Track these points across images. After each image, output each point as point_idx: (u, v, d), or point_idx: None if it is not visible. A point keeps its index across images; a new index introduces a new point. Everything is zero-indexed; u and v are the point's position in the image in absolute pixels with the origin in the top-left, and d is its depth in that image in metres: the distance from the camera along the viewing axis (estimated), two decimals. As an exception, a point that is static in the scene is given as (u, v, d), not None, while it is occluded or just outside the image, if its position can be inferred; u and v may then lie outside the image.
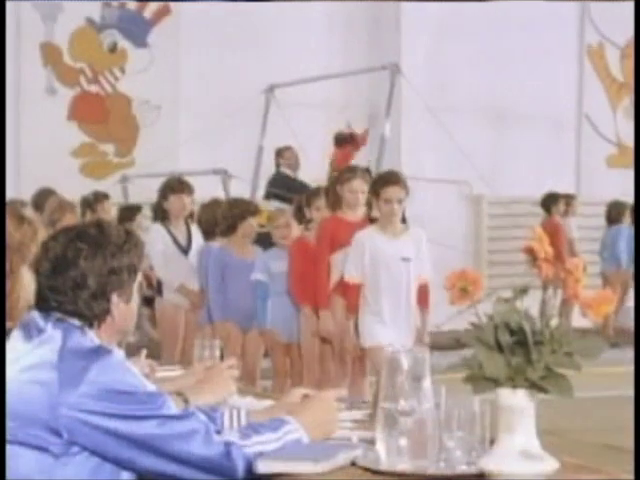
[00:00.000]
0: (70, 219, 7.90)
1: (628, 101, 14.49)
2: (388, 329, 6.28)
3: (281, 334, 7.10)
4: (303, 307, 6.93)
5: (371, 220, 6.54)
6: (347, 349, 6.80)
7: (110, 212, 10.30)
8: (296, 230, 7.20)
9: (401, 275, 6.34)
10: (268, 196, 10.75)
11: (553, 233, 10.90)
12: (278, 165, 11.09)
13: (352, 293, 6.52)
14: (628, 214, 12.78)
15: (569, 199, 12.60)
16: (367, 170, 7.15)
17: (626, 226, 12.79)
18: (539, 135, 13.43)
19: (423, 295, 6.49)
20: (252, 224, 7.30)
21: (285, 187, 10.27)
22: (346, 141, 11.47)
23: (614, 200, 12.90)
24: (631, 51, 14.34)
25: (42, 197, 10.17)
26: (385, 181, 6.43)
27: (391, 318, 6.32)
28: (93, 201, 10.27)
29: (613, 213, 12.83)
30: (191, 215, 7.84)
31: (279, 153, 11.16)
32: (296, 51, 12.46)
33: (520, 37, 13.14)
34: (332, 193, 6.91)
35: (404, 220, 6.69)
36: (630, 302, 12.36)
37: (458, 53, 13.00)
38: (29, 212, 8.85)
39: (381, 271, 6.35)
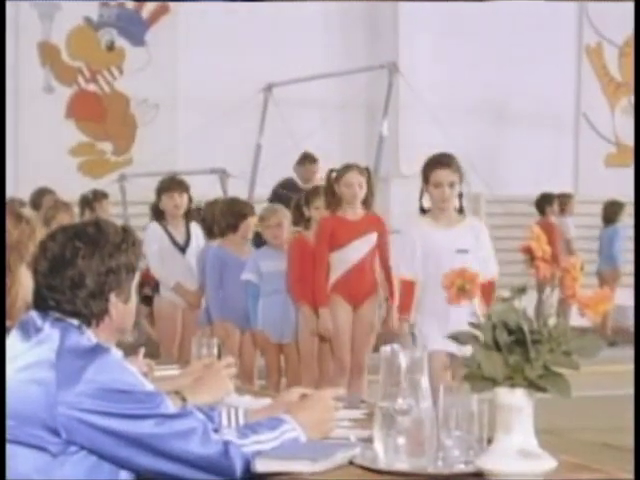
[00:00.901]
0: (64, 218, 7.90)
1: (626, 100, 14.51)
2: (443, 331, 5.44)
3: (272, 334, 7.09)
4: (302, 306, 6.93)
5: (423, 211, 5.94)
6: (344, 347, 6.82)
7: (108, 211, 10.30)
8: (288, 230, 7.19)
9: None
10: (273, 200, 10.50)
11: (547, 233, 10.83)
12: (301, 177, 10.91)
13: (405, 292, 5.97)
14: (623, 213, 12.78)
15: (565, 198, 12.59)
16: (367, 169, 7.13)
17: (622, 225, 12.79)
18: (537, 134, 13.44)
19: (487, 294, 5.81)
20: (251, 224, 7.30)
21: (291, 190, 10.17)
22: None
23: (610, 200, 12.90)
24: (629, 50, 14.36)
25: (40, 196, 10.17)
26: (435, 163, 5.85)
27: (445, 319, 5.43)
28: (92, 199, 10.27)
29: (609, 212, 12.83)
30: (189, 213, 7.83)
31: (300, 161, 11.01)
32: (294, 49, 12.46)
33: (518, 36, 13.15)
34: (330, 192, 6.91)
35: (462, 210, 6.01)
36: (628, 301, 12.35)
37: (456, 52, 13.00)
38: (28, 211, 8.87)
39: (432, 265, 5.67)
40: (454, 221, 5.84)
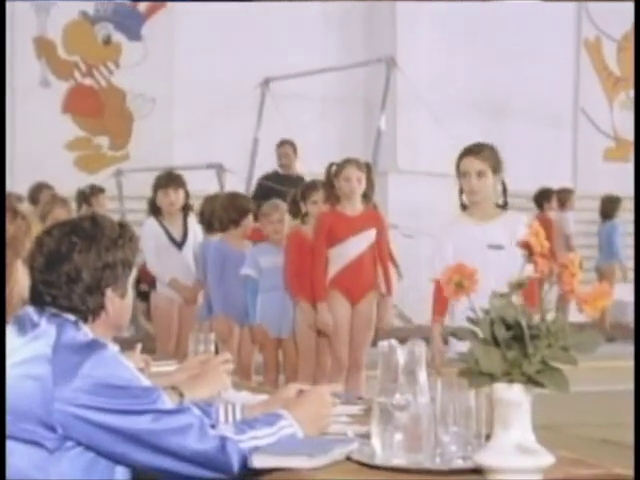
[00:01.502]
0: (60, 213, 7.90)
1: (624, 95, 14.50)
2: None
3: (270, 329, 7.09)
4: (299, 301, 6.93)
5: (463, 207, 5.52)
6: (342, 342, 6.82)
7: (105, 206, 10.29)
8: (288, 226, 7.19)
9: (487, 266, 4.71)
10: (259, 193, 10.44)
11: (545, 229, 10.82)
12: (281, 165, 10.92)
13: (439, 293, 5.50)
14: (621, 209, 12.78)
15: (565, 194, 12.58)
16: (367, 164, 7.11)
17: (620, 221, 12.79)
18: (536, 129, 13.44)
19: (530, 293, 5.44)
20: (251, 219, 7.31)
21: (279, 182, 10.19)
22: None
23: (607, 195, 12.89)
24: (627, 44, 14.36)
25: (38, 191, 10.17)
26: (463, 152, 5.44)
27: None
28: (89, 194, 10.26)
29: (606, 208, 12.82)
30: (186, 208, 7.82)
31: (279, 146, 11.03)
32: (292, 44, 12.46)
33: (517, 31, 13.15)
34: (329, 187, 6.90)
35: (505, 205, 5.56)
36: (627, 297, 12.36)
37: (454, 47, 13.00)
38: (24, 206, 8.86)
39: (463, 261, 5.35)
40: (489, 215, 5.40)
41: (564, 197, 12.44)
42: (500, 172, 5.45)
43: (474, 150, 5.40)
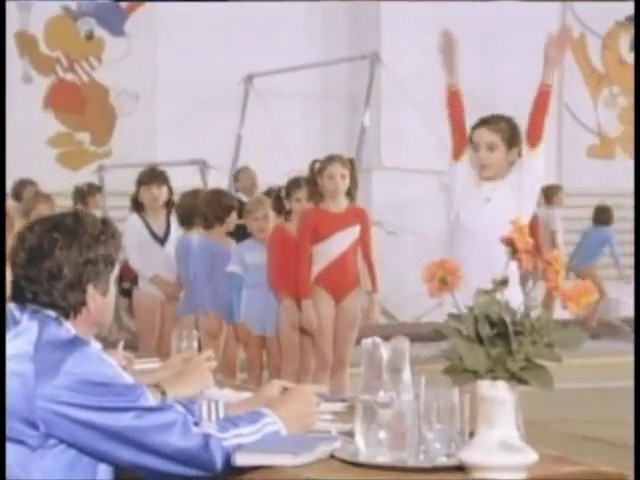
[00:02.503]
0: (43, 209, 7.88)
1: (608, 92, 14.54)
2: None
3: (255, 327, 7.07)
4: (283, 299, 6.91)
5: None
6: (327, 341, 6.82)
7: (98, 204, 10.24)
8: (273, 222, 7.17)
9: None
10: None
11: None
12: (236, 190, 10.83)
13: None
14: (613, 217, 12.78)
15: (552, 190, 12.57)
16: (351, 161, 7.10)
17: (614, 229, 12.78)
18: (520, 125, 13.44)
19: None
20: (235, 216, 7.29)
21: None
22: None
23: (601, 205, 12.87)
24: (611, 42, 14.39)
25: (21, 187, 10.12)
26: (477, 123, 5.25)
27: None
28: (86, 192, 10.19)
29: (600, 216, 12.80)
30: (169, 205, 7.80)
31: (236, 177, 10.95)
32: (275, 40, 12.44)
33: (500, 27, 13.16)
34: (312, 184, 6.89)
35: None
36: (613, 294, 12.40)
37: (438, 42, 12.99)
38: (8, 203, 8.83)
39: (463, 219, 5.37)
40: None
41: (551, 193, 12.45)
42: (516, 146, 5.18)
43: (488, 120, 5.17)
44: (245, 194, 10.41)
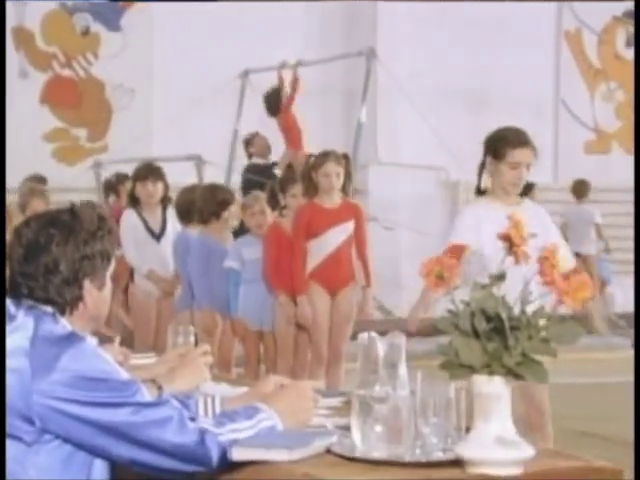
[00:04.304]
0: (38, 204, 7.86)
1: (605, 87, 14.53)
2: None
3: (252, 322, 7.08)
4: (278, 294, 6.91)
5: (479, 192, 5.36)
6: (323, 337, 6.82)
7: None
8: (269, 217, 7.17)
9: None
10: (245, 186, 10.49)
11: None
12: (250, 155, 10.93)
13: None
14: (598, 200, 12.74)
15: (583, 185, 12.50)
16: (345, 156, 7.09)
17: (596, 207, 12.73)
18: (516, 121, 13.42)
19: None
20: (232, 212, 7.28)
21: (260, 175, 10.16)
22: (278, 102, 11.21)
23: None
24: (607, 37, 14.39)
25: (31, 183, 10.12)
26: (515, 141, 5.25)
27: None
28: (115, 183, 10.12)
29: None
30: (165, 200, 7.79)
31: (248, 142, 11.01)
32: (272, 35, 12.42)
33: (498, 22, 13.15)
34: (307, 179, 6.89)
35: (526, 192, 5.51)
36: (610, 289, 12.40)
37: (435, 38, 12.99)
38: (11, 198, 8.81)
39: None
40: (515, 201, 5.25)
41: (581, 188, 12.39)
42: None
43: (526, 140, 5.23)
44: (260, 159, 10.47)
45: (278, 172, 10.11)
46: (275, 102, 11.05)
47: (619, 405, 5.32)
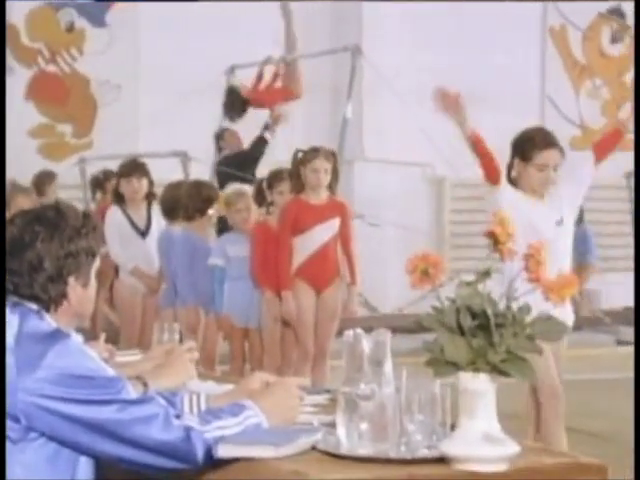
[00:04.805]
0: (23, 202, 7.84)
1: (590, 83, 14.55)
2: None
3: (238, 319, 7.07)
4: (265, 291, 6.91)
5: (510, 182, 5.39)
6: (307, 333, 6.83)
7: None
8: (255, 214, 7.16)
9: (557, 240, 5.18)
10: (220, 179, 10.41)
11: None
12: (220, 149, 10.84)
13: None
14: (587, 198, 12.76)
15: None
16: (332, 153, 7.09)
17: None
18: (502, 117, 13.44)
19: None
20: (217, 208, 7.28)
21: (234, 165, 10.09)
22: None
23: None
24: (592, 34, 14.41)
25: (42, 180, 10.10)
26: (543, 142, 5.31)
27: None
28: (103, 180, 10.09)
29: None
30: (150, 197, 7.78)
31: (219, 137, 10.95)
32: (257, 31, 12.40)
33: (484, 19, 13.15)
34: (295, 174, 6.88)
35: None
36: (595, 285, 12.39)
37: (421, 35, 12.98)
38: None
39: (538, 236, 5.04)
40: (539, 194, 5.34)
41: None
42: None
43: (554, 141, 5.28)
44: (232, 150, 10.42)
45: (268, 135, 10.11)
46: (237, 102, 10.96)
47: (604, 401, 5.34)
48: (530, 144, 5.29)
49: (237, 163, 10.01)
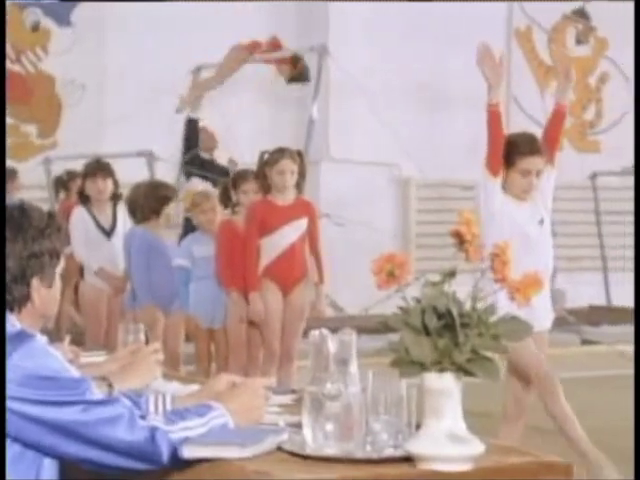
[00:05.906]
0: None
1: (556, 84, 14.63)
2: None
3: (203, 319, 7.06)
4: (230, 292, 6.89)
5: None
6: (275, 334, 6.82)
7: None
8: (220, 214, 7.15)
9: (541, 239, 5.41)
10: (188, 175, 10.35)
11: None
12: (189, 148, 10.74)
13: None
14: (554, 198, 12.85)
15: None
16: (299, 153, 7.09)
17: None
18: (468, 117, 13.50)
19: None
20: (173, 208, 7.26)
21: (204, 169, 10.06)
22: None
23: None
24: (557, 36, 14.49)
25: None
26: (525, 149, 5.34)
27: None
28: (66, 180, 10.07)
29: None
30: (115, 197, 7.75)
31: (192, 135, 10.86)
32: (223, 31, 12.37)
33: (449, 20, 13.18)
34: (262, 175, 6.88)
35: None
36: (562, 285, 12.45)
37: (388, 35, 13.00)
38: None
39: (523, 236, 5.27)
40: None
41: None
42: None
43: (537, 148, 5.33)
44: (207, 153, 10.33)
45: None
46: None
47: (570, 400, 5.37)
48: (514, 149, 5.34)
49: (205, 167, 9.99)
